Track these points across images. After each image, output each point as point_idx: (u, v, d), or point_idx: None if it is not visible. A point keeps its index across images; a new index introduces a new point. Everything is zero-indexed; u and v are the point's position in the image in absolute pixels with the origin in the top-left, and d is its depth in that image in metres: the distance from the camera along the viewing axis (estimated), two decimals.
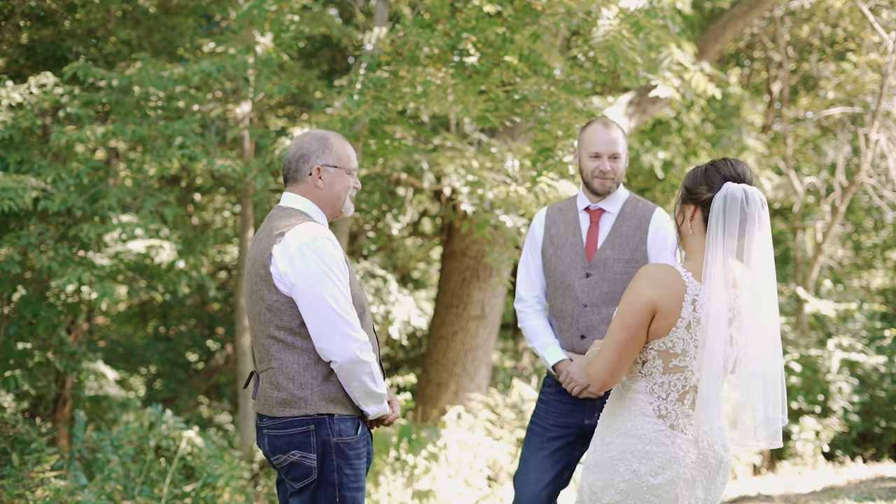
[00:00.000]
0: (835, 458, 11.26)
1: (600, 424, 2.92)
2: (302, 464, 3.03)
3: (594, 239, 3.81)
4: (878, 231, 15.24)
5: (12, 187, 5.78)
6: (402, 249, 11.37)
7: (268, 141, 7.18)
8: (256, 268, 3.06)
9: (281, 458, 3.06)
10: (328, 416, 3.03)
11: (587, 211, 3.87)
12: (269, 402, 3.06)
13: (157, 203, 6.98)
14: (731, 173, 2.77)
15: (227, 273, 12.73)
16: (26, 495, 5.20)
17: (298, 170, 3.17)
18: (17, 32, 7.54)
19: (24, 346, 7.49)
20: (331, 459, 3.02)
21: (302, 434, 3.02)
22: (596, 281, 3.76)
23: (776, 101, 13.33)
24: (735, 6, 9.06)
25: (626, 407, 2.82)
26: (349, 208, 3.25)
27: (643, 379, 2.81)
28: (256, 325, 3.10)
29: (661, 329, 2.75)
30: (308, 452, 3.02)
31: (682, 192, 2.84)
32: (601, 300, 3.75)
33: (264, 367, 3.09)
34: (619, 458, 2.79)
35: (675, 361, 2.77)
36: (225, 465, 6.44)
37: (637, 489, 2.77)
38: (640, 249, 3.77)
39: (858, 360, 11.40)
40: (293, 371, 3.03)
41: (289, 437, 3.03)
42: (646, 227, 3.78)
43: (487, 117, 5.73)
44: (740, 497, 7.43)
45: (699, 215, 2.80)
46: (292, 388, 3.02)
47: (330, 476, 3.03)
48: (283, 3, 6.29)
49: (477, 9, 5.66)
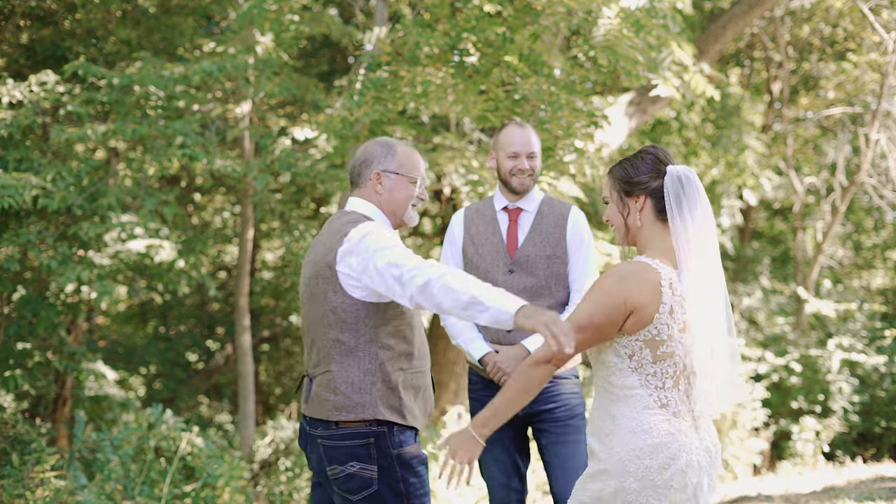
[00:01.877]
0: (835, 458, 11.26)
1: (596, 433, 2.85)
2: (361, 475, 2.95)
3: (514, 236, 3.93)
4: (878, 231, 15.24)
5: (12, 185, 5.78)
6: None
7: (268, 141, 7.18)
8: (319, 269, 2.99)
9: (337, 468, 2.98)
10: (388, 427, 2.97)
11: (505, 210, 3.97)
12: (325, 405, 2.98)
13: (157, 203, 6.97)
14: (665, 157, 2.81)
15: (226, 273, 12.73)
16: (26, 495, 5.20)
17: (361, 174, 3.14)
18: (18, 32, 7.54)
19: (24, 346, 7.49)
20: (394, 470, 2.97)
21: (361, 446, 2.95)
22: (519, 276, 3.87)
23: (776, 101, 13.33)
24: (735, 6, 9.06)
25: (625, 406, 2.78)
26: (412, 218, 3.18)
27: (634, 373, 2.78)
28: (317, 329, 3.02)
29: (644, 319, 2.73)
30: (368, 464, 2.95)
31: (623, 185, 2.83)
32: (525, 295, 3.81)
33: (322, 370, 3.02)
34: (629, 458, 2.73)
35: (662, 349, 2.76)
36: (225, 465, 6.44)
37: (651, 486, 2.72)
38: (560, 245, 3.89)
39: (858, 360, 11.40)
40: (354, 376, 2.96)
41: (347, 449, 2.95)
42: (564, 223, 3.91)
43: (487, 117, 5.72)
44: (740, 497, 7.43)
45: (649, 204, 2.81)
46: (351, 392, 2.96)
47: (396, 486, 2.96)
48: (284, 3, 6.29)
49: (477, 8, 5.66)
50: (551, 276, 3.86)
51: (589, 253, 3.92)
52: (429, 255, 13.08)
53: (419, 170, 3.17)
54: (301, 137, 6.74)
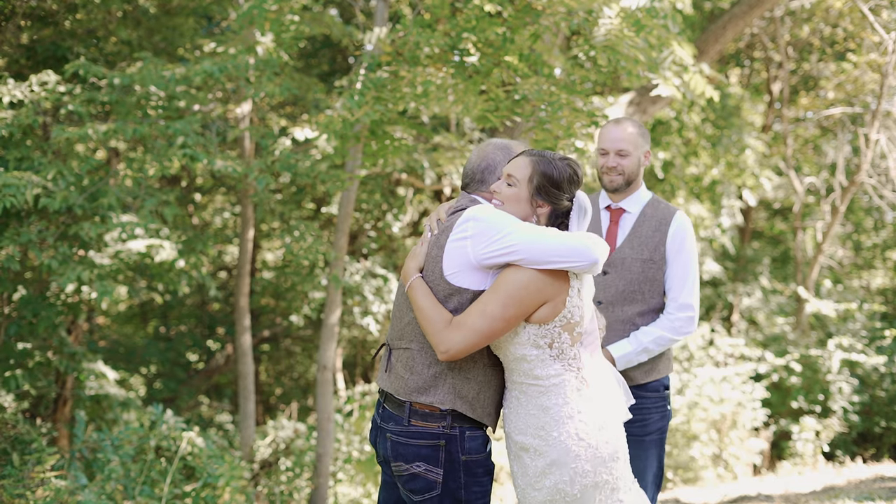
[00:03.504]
0: (835, 458, 11.27)
1: (527, 430, 2.90)
2: (426, 477, 2.94)
3: (613, 237, 3.86)
4: (878, 231, 15.24)
5: (13, 184, 5.78)
6: (403, 249, 11.37)
7: (268, 141, 7.18)
8: (430, 248, 3.00)
9: (402, 466, 2.97)
10: (459, 432, 2.94)
11: (608, 209, 3.92)
12: (402, 383, 2.97)
13: (158, 203, 6.98)
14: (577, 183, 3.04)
15: (227, 273, 12.73)
16: (27, 495, 5.20)
17: (484, 181, 3.11)
18: (18, 32, 7.54)
19: (24, 346, 7.49)
20: (458, 476, 2.94)
21: (431, 447, 2.93)
22: (613, 279, 3.80)
23: (776, 101, 13.34)
24: (735, 6, 9.06)
25: (555, 394, 2.85)
26: None
27: (557, 361, 2.86)
28: (406, 302, 3.01)
29: (558, 305, 2.83)
30: (434, 466, 2.93)
31: (542, 188, 2.95)
32: (616, 298, 3.78)
33: (404, 344, 3.00)
34: (573, 442, 2.82)
35: (577, 329, 2.87)
36: (225, 465, 6.44)
37: (601, 462, 2.82)
38: (658, 250, 3.81)
39: (858, 360, 11.41)
40: (433, 358, 2.93)
41: (416, 448, 2.94)
42: (665, 228, 3.83)
43: (488, 117, 5.73)
44: (740, 497, 7.44)
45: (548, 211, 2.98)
46: (427, 374, 2.93)
47: (457, 493, 2.94)
48: (284, 3, 6.29)
49: (477, 9, 5.66)
50: (645, 281, 3.79)
51: (690, 260, 3.82)
52: None
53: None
54: (301, 138, 6.74)
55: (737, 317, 13.55)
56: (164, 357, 11.22)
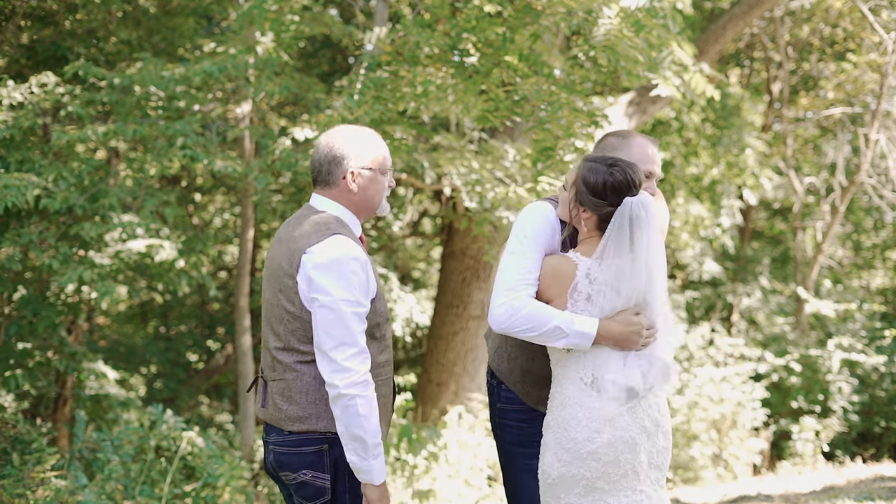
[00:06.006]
0: (835, 458, 11.27)
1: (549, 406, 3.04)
2: (314, 484, 2.86)
3: None
4: (878, 231, 15.24)
5: (14, 185, 5.79)
6: (403, 249, 11.38)
7: (268, 141, 7.18)
8: (280, 276, 2.84)
9: (290, 475, 2.89)
10: None
11: None
12: (280, 414, 2.87)
13: (158, 203, 6.98)
14: (634, 184, 2.94)
15: (227, 273, 12.73)
16: (27, 495, 5.20)
17: (331, 172, 2.90)
18: (18, 32, 7.54)
19: (24, 346, 7.49)
20: (344, 480, 2.87)
21: (314, 453, 2.85)
22: None
23: (776, 101, 13.34)
24: (735, 6, 9.07)
25: (558, 384, 2.96)
26: (385, 208, 3.01)
27: (569, 354, 2.94)
28: (271, 332, 2.89)
29: (559, 306, 2.90)
30: (321, 472, 2.85)
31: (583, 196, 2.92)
32: None
33: (277, 376, 2.89)
34: (559, 430, 2.90)
35: None
36: (225, 465, 6.44)
37: (578, 456, 2.86)
38: None
39: (858, 360, 11.41)
40: (309, 385, 2.83)
41: (299, 456, 2.86)
42: None
43: (488, 117, 5.73)
44: (740, 497, 7.44)
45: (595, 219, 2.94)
46: (306, 402, 2.83)
47: (343, 497, 2.88)
48: (284, 3, 6.29)
49: (477, 9, 5.66)
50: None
51: None
52: (429, 255, 13.08)
53: (389, 160, 2.98)
54: (301, 137, 6.74)
55: (736, 317, 13.56)
56: (164, 357, 11.22)
